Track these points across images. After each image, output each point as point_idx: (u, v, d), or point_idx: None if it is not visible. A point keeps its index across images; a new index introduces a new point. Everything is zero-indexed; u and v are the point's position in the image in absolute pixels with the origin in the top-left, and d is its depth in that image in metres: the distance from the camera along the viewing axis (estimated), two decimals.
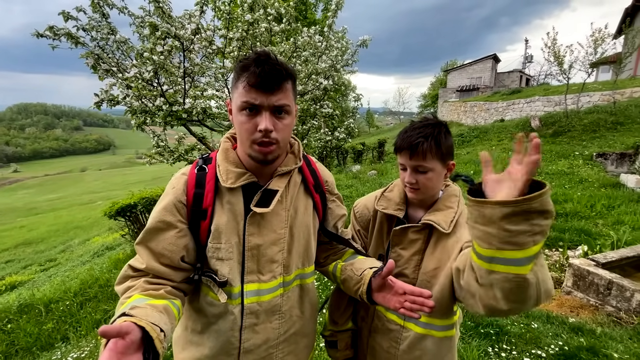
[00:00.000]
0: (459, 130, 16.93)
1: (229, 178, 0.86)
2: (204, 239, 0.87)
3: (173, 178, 0.91)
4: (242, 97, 0.79)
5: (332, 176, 1.12)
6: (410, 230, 1.05)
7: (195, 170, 0.89)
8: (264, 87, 0.77)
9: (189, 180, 0.88)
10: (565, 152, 9.55)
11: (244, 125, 0.81)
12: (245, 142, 0.84)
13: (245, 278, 0.90)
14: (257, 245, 0.89)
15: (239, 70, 0.80)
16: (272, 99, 0.79)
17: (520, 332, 2.60)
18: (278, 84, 0.79)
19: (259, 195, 0.88)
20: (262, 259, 0.91)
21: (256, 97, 0.78)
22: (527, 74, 31.31)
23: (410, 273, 1.05)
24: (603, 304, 3.09)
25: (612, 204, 5.88)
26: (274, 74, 0.78)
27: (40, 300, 4.40)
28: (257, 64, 0.77)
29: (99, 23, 2.99)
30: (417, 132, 0.98)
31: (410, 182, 1.01)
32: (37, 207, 33.07)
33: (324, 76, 3.66)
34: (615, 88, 12.25)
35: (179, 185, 0.88)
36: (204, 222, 0.86)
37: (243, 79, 0.78)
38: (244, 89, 0.78)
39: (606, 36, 10.74)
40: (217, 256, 0.87)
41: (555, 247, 4.63)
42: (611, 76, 14.91)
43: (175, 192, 0.87)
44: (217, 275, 0.87)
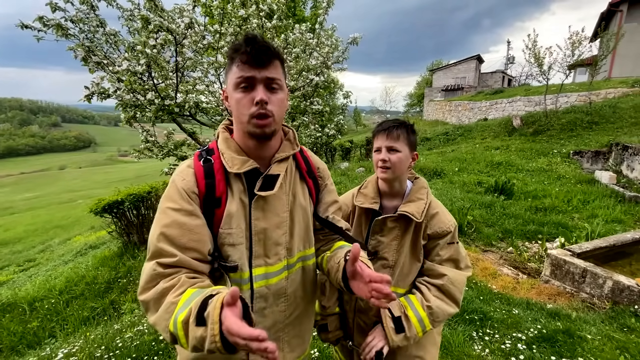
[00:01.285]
0: (444, 128, 17.31)
1: (234, 164, 0.89)
2: (217, 227, 0.89)
3: (177, 172, 0.90)
4: (236, 74, 0.84)
5: (324, 164, 1.15)
6: (388, 219, 1.21)
7: (200, 162, 0.91)
8: (255, 62, 0.82)
9: (196, 171, 0.89)
10: (545, 150, 9.93)
11: (240, 101, 0.84)
12: (242, 118, 0.86)
13: (253, 262, 0.93)
14: (263, 229, 0.93)
15: (231, 54, 0.86)
16: (264, 72, 0.83)
17: (502, 318, 2.74)
18: (268, 59, 0.84)
19: (261, 180, 0.91)
20: (268, 242, 0.94)
21: (249, 71, 0.82)
22: (509, 75, 32.24)
23: (390, 256, 1.22)
24: (578, 291, 3.28)
25: (587, 199, 6.19)
26: (263, 50, 0.83)
27: (23, 299, 4.29)
28: (247, 43, 0.82)
29: (86, 15, 2.94)
30: (391, 122, 1.20)
31: (384, 160, 1.19)
32: (12, 206, 31.68)
33: (314, 73, 3.71)
34: (591, 89, 12.81)
35: (189, 177, 0.88)
36: (219, 210, 0.88)
37: (236, 60, 0.84)
38: (237, 67, 0.83)
39: (583, 39, 11.20)
40: (228, 242, 0.89)
41: (535, 240, 4.85)
42: (587, 78, 15.56)
43: (186, 183, 0.87)
44: (227, 261, 0.89)
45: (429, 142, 15.01)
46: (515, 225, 5.18)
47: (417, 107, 41.49)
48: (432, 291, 1.17)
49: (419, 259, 1.22)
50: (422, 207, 1.18)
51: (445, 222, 1.19)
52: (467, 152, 10.96)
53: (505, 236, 4.98)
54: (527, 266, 4.14)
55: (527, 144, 10.85)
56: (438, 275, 1.18)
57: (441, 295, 1.16)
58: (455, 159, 10.30)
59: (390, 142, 1.17)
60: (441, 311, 1.14)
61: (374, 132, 1.26)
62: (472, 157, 10.17)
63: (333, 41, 4.29)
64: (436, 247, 1.20)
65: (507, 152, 10.36)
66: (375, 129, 1.24)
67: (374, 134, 1.25)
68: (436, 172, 9.09)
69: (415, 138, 1.23)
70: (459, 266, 1.21)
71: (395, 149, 1.17)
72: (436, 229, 1.18)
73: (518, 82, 30.15)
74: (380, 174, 1.22)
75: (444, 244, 1.19)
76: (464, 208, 5.56)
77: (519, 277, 3.88)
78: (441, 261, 1.20)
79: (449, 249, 1.20)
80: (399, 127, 1.18)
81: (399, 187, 1.25)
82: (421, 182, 1.28)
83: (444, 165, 9.57)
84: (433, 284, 1.18)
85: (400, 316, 1.12)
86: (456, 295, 1.17)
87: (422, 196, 1.21)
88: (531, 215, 5.58)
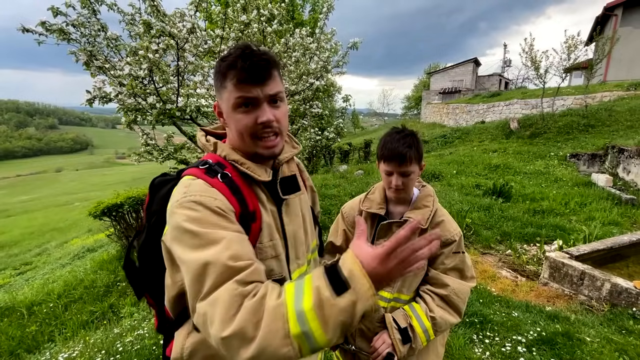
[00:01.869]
0: (442, 131, 17.38)
1: (260, 173, 0.83)
2: (254, 244, 0.80)
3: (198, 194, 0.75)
4: (235, 93, 0.77)
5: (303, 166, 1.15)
6: (394, 225, 1.23)
7: (217, 178, 0.79)
8: (254, 80, 0.76)
9: (221, 189, 0.77)
10: (542, 153, 10.00)
11: (242, 121, 0.78)
12: (247, 139, 0.80)
13: (291, 267, 0.91)
14: (294, 232, 0.92)
15: (224, 69, 0.78)
16: (266, 89, 0.78)
17: (502, 321, 2.76)
18: (267, 73, 0.77)
19: (279, 185, 0.90)
20: (297, 244, 0.93)
21: (251, 91, 0.76)
22: (506, 78, 32.45)
23: None
24: (576, 293, 3.31)
25: (584, 202, 6.24)
26: (262, 65, 0.76)
27: (21, 303, 4.27)
28: (242, 58, 0.75)
29: (88, 20, 2.95)
30: (401, 143, 1.15)
31: (398, 185, 1.18)
32: (8, 209, 31.42)
33: (314, 77, 3.73)
34: (587, 92, 12.93)
35: (219, 196, 0.76)
36: (255, 224, 0.81)
37: (231, 76, 0.76)
38: (235, 86, 0.76)
39: (579, 43, 11.31)
40: (271, 254, 0.84)
41: (533, 242, 4.88)
42: (583, 81, 15.70)
43: (220, 202, 0.75)
44: (271, 276, 0.83)
45: (427, 145, 15.05)
46: (514, 228, 5.20)
47: (414, 110, 41.66)
48: (435, 301, 1.18)
49: (424, 267, 1.23)
50: (427, 214, 1.19)
51: (450, 231, 1.21)
52: (465, 155, 11.01)
53: (504, 239, 5.01)
54: (525, 269, 4.16)
55: (524, 146, 10.93)
56: (442, 285, 1.19)
57: (445, 306, 1.17)
58: (453, 161, 10.34)
59: (403, 169, 1.15)
60: (444, 321, 1.16)
61: (383, 156, 1.19)
62: (470, 160, 10.22)
63: (333, 45, 4.33)
64: (440, 256, 1.21)
65: (505, 155, 10.42)
66: (385, 154, 1.17)
67: (383, 158, 1.19)
68: (434, 174, 9.12)
69: (422, 147, 1.22)
70: (464, 275, 1.22)
71: (407, 173, 1.17)
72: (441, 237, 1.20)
73: (515, 85, 30.37)
74: (393, 194, 1.24)
75: (449, 253, 1.20)
76: (463, 211, 5.59)
77: (518, 279, 3.90)
78: (445, 270, 1.21)
79: (454, 258, 1.21)
80: (409, 150, 1.13)
81: (406, 194, 1.27)
82: (428, 189, 1.29)
83: (442, 168, 9.61)
84: (437, 293, 1.19)
85: (407, 327, 1.14)
86: (459, 306, 1.18)
87: (428, 203, 1.23)
88: (529, 217, 5.61)
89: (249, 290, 0.63)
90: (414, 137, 1.18)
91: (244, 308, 0.60)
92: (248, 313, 0.60)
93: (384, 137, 1.22)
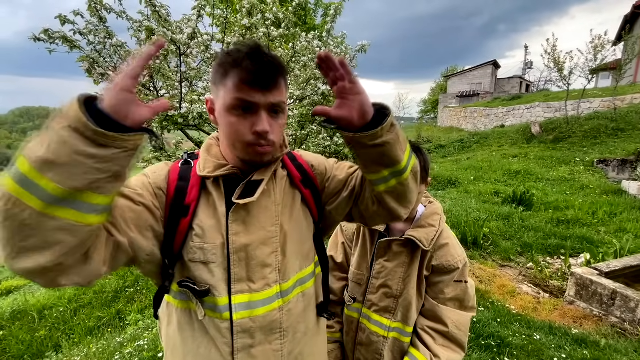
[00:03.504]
0: (459, 136, 16.93)
1: (206, 167, 0.77)
2: (180, 241, 0.75)
3: (152, 166, 0.81)
4: (234, 93, 0.70)
5: (318, 157, 0.97)
6: (394, 243, 1.10)
7: (179, 164, 0.81)
8: (260, 84, 0.69)
9: (171, 170, 0.78)
10: (566, 159, 9.51)
11: (235, 126, 0.72)
12: (236, 144, 0.74)
13: (233, 287, 0.76)
14: (244, 246, 0.77)
15: (227, 65, 0.70)
16: (269, 96, 0.71)
17: (523, 344, 2.53)
18: (274, 80, 0.71)
19: (241, 187, 0.77)
20: (252, 263, 0.78)
21: (252, 95, 0.69)
22: (527, 80, 31.41)
23: (394, 284, 1.10)
24: (607, 314, 3.02)
25: (614, 211, 5.82)
26: (270, 69, 0.69)
27: (33, 307, 4.34)
28: (250, 58, 0.68)
29: (96, 27, 2.97)
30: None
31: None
32: None
33: (322, 81, 3.64)
34: (616, 94, 12.25)
35: (161, 171, 0.77)
36: (185, 220, 0.74)
37: (234, 74, 0.69)
38: (236, 86, 0.69)
39: (606, 43, 10.77)
40: (199, 258, 0.75)
41: (557, 255, 4.56)
42: (611, 82, 14.92)
43: (156, 177, 0.75)
44: (197, 284, 0.75)
45: (443, 150, 14.68)
46: (536, 239, 4.89)
47: (431, 114, 40.93)
48: (437, 341, 1.05)
49: (422, 294, 1.10)
50: (432, 234, 1.06)
51: (454, 256, 1.06)
52: (484, 160, 10.63)
53: (525, 250, 4.71)
54: (549, 284, 3.87)
55: (547, 151, 10.44)
56: (441, 320, 1.06)
57: (448, 343, 1.04)
58: (470, 167, 10.00)
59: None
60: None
61: None
62: (489, 166, 9.85)
63: (343, 49, 4.22)
64: (440, 284, 1.07)
65: (526, 161, 9.97)
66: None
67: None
68: (450, 181, 8.82)
69: (427, 160, 1.07)
70: (464, 305, 1.09)
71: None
72: (442, 262, 1.05)
73: (537, 87, 29.34)
74: None
75: (450, 281, 1.06)
76: (480, 219, 5.31)
77: (540, 296, 3.62)
78: (445, 300, 1.07)
79: (455, 287, 1.07)
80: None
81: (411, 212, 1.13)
82: (435, 207, 1.15)
83: (459, 173, 9.30)
84: (438, 331, 1.06)
85: None
86: (462, 340, 1.06)
87: (433, 222, 1.09)
88: (552, 228, 5.27)
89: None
90: (420, 152, 1.04)
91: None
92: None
93: None
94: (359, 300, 1.19)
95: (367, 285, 1.17)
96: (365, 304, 1.17)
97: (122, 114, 0.54)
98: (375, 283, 1.14)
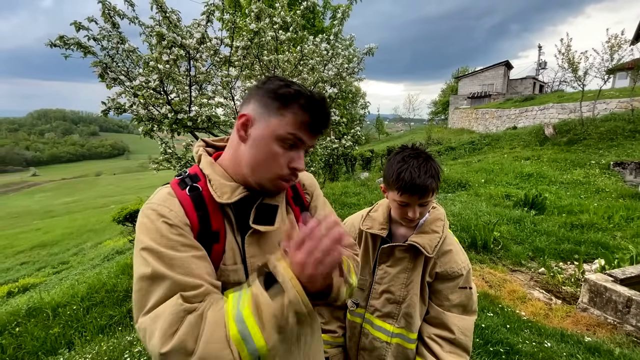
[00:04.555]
0: (470, 137, 16.70)
1: (224, 193, 0.75)
2: (216, 265, 0.75)
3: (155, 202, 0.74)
4: (291, 129, 0.72)
5: (310, 177, 1.01)
6: (397, 249, 1.10)
7: (187, 192, 0.75)
8: (316, 131, 0.76)
9: (183, 202, 0.74)
10: (581, 161, 9.27)
11: (278, 157, 0.74)
12: (267, 173, 0.75)
13: None
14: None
15: (290, 98, 0.72)
16: (314, 141, 0.78)
17: (533, 352, 2.47)
18: (324, 130, 0.78)
19: (254, 210, 0.78)
20: None
21: (307, 137, 0.75)
22: (541, 81, 30.78)
23: (397, 290, 1.10)
24: (622, 322, 2.93)
25: (631, 216, 5.64)
26: (326, 122, 0.77)
27: (48, 304, 4.45)
28: (317, 106, 0.74)
29: (109, 33, 3.05)
30: (423, 172, 0.98)
31: (415, 217, 1.04)
32: (53, 210, 33.98)
33: (330, 84, 3.65)
34: (634, 95, 11.89)
35: (174, 207, 0.72)
36: (218, 245, 0.75)
37: (297, 111, 0.72)
38: (296, 124, 0.73)
39: (623, 42, 10.48)
40: (234, 279, 0.76)
41: (571, 260, 4.45)
42: (629, 83, 14.49)
43: (174, 215, 0.71)
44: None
45: (454, 152, 14.50)
46: (548, 244, 4.78)
47: (441, 115, 40.50)
48: (445, 348, 1.04)
49: (425, 301, 1.10)
50: (435, 240, 1.05)
51: (458, 263, 1.06)
52: (495, 163, 10.45)
53: (536, 255, 4.61)
54: (561, 290, 3.78)
55: (560, 154, 10.20)
56: (447, 327, 1.05)
57: (454, 349, 1.04)
58: (481, 169, 9.85)
59: (423, 200, 1.01)
60: None
61: (400, 187, 1.01)
62: (500, 168, 9.68)
63: (351, 51, 4.22)
64: (444, 290, 1.07)
65: (539, 163, 9.77)
66: (404, 186, 1.00)
67: (400, 190, 1.01)
68: (461, 183, 8.71)
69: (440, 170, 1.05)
70: (467, 310, 1.08)
71: (426, 203, 1.04)
72: (446, 269, 1.04)
73: (551, 88, 28.72)
74: (407, 224, 1.10)
75: (455, 288, 1.06)
76: (490, 223, 5.23)
77: (552, 302, 3.53)
78: (450, 307, 1.06)
79: (460, 293, 1.06)
80: (433, 181, 0.99)
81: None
82: (438, 212, 1.14)
83: (470, 176, 9.17)
84: (445, 338, 1.05)
85: None
86: (468, 345, 1.05)
87: (437, 229, 1.08)
88: (566, 232, 5.14)
89: (194, 307, 0.63)
90: (433, 162, 1.02)
91: (186, 322, 0.60)
92: (189, 326, 0.60)
93: (395, 162, 1.03)
94: (361, 306, 1.19)
95: (369, 290, 1.17)
96: (368, 309, 1.17)
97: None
98: (378, 288, 1.14)
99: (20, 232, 23.03)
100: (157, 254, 0.66)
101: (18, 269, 13.34)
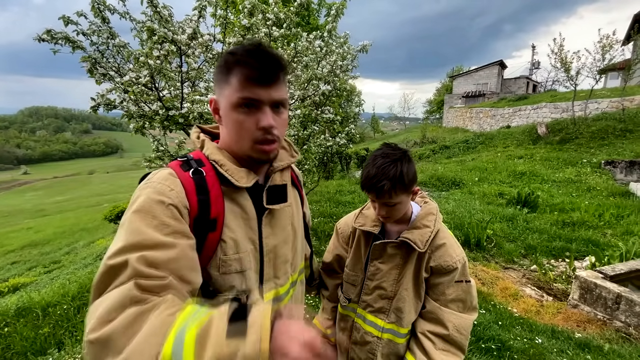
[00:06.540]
0: (464, 136, 16.80)
1: (241, 177, 0.76)
2: (208, 256, 0.73)
3: (155, 180, 0.70)
4: (239, 92, 0.71)
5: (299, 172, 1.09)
6: (389, 245, 1.09)
7: (190, 174, 0.74)
8: (263, 80, 0.71)
9: (185, 183, 0.71)
10: (573, 160, 9.38)
11: (243, 123, 0.73)
12: (243, 141, 0.75)
13: (265, 287, 0.82)
14: (274, 247, 0.84)
15: (230, 64, 0.72)
16: (272, 93, 0.73)
17: (524, 348, 2.49)
18: (277, 75, 0.73)
19: (266, 193, 0.81)
20: (278, 261, 0.85)
21: (257, 92, 0.71)
22: (534, 80, 31.04)
23: (389, 286, 1.10)
24: (611, 318, 2.97)
25: (621, 214, 5.72)
26: (273, 66, 0.71)
27: (38, 304, 4.38)
28: (253, 55, 0.70)
29: (99, 28, 2.99)
30: (381, 172, 0.97)
31: (382, 215, 1.06)
32: (45, 208, 33.49)
33: (324, 81, 3.62)
34: (625, 95, 12.05)
35: (175, 186, 0.70)
36: (213, 234, 0.72)
37: (237, 72, 0.71)
38: (241, 84, 0.71)
39: (614, 42, 10.60)
40: (235, 269, 0.75)
41: (562, 258, 4.50)
42: (620, 83, 14.68)
43: (175, 195, 0.68)
44: (230, 292, 0.76)
45: (448, 151, 14.58)
46: (540, 241, 4.83)
47: (436, 114, 40.68)
48: (437, 345, 1.03)
49: (421, 296, 1.08)
50: (426, 235, 1.03)
51: (452, 256, 1.04)
52: (488, 161, 10.53)
53: (529, 253, 4.66)
54: (552, 287, 3.82)
55: (553, 152, 10.31)
56: (441, 323, 1.04)
57: (447, 347, 1.03)
58: (475, 168, 9.91)
59: (383, 200, 1.01)
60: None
61: (361, 183, 1.04)
62: (494, 167, 9.75)
63: (345, 49, 4.20)
64: (440, 285, 1.05)
65: (531, 162, 9.86)
66: (362, 182, 1.02)
67: (363, 188, 1.03)
68: (455, 182, 8.76)
69: (413, 170, 1.01)
70: (466, 306, 1.06)
71: (390, 204, 1.02)
72: (440, 262, 1.03)
73: (544, 88, 28.99)
74: (383, 220, 1.11)
75: (450, 282, 1.05)
76: (484, 221, 5.27)
77: (544, 299, 3.57)
78: (447, 302, 1.05)
79: (457, 287, 1.05)
80: (387, 182, 0.96)
81: (396, 219, 1.11)
82: (430, 207, 1.12)
83: (464, 174, 9.23)
84: (437, 334, 1.04)
85: None
86: (463, 343, 1.03)
87: (428, 223, 1.06)
88: (557, 230, 5.20)
89: (144, 298, 0.55)
90: (400, 164, 0.97)
91: (125, 314, 0.52)
92: (127, 319, 0.51)
93: (369, 160, 1.04)
94: (354, 301, 1.19)
95: (361, 286, 1.17)
96: (361, 304, 1.17)
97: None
98: (370, 284, 1.14)
99: (11, 231, 22.68)
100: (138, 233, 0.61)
101: (8, 268, 13.14)
